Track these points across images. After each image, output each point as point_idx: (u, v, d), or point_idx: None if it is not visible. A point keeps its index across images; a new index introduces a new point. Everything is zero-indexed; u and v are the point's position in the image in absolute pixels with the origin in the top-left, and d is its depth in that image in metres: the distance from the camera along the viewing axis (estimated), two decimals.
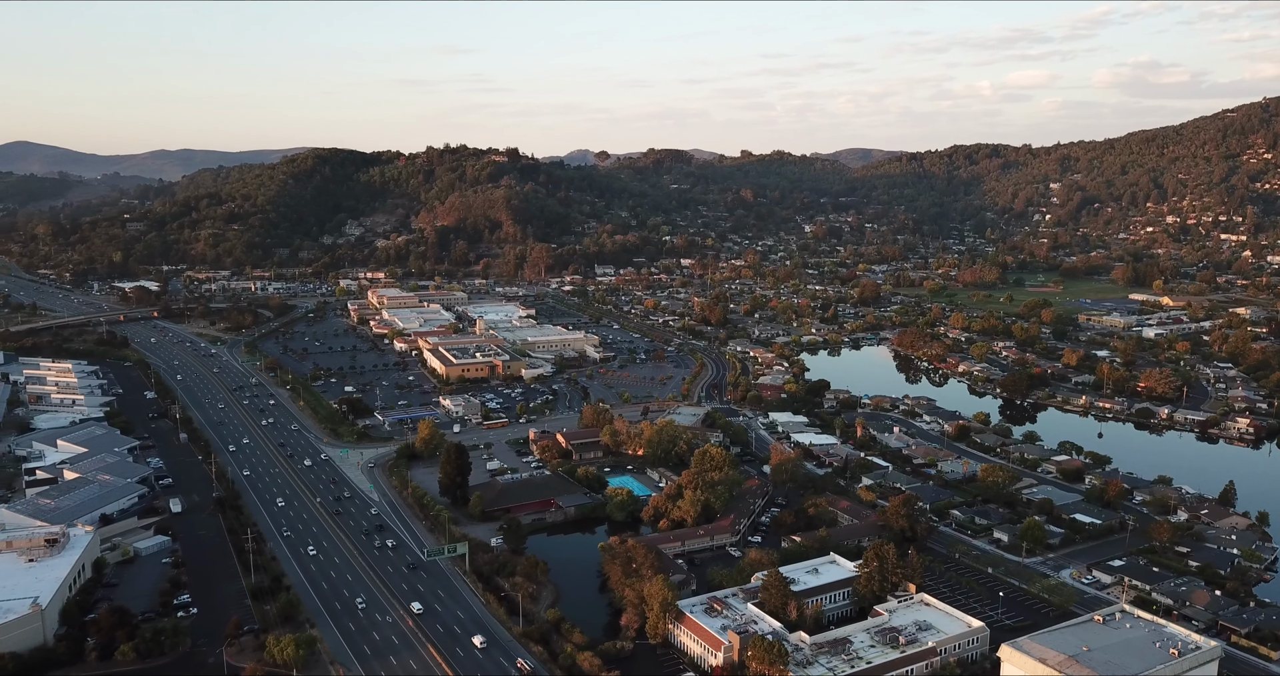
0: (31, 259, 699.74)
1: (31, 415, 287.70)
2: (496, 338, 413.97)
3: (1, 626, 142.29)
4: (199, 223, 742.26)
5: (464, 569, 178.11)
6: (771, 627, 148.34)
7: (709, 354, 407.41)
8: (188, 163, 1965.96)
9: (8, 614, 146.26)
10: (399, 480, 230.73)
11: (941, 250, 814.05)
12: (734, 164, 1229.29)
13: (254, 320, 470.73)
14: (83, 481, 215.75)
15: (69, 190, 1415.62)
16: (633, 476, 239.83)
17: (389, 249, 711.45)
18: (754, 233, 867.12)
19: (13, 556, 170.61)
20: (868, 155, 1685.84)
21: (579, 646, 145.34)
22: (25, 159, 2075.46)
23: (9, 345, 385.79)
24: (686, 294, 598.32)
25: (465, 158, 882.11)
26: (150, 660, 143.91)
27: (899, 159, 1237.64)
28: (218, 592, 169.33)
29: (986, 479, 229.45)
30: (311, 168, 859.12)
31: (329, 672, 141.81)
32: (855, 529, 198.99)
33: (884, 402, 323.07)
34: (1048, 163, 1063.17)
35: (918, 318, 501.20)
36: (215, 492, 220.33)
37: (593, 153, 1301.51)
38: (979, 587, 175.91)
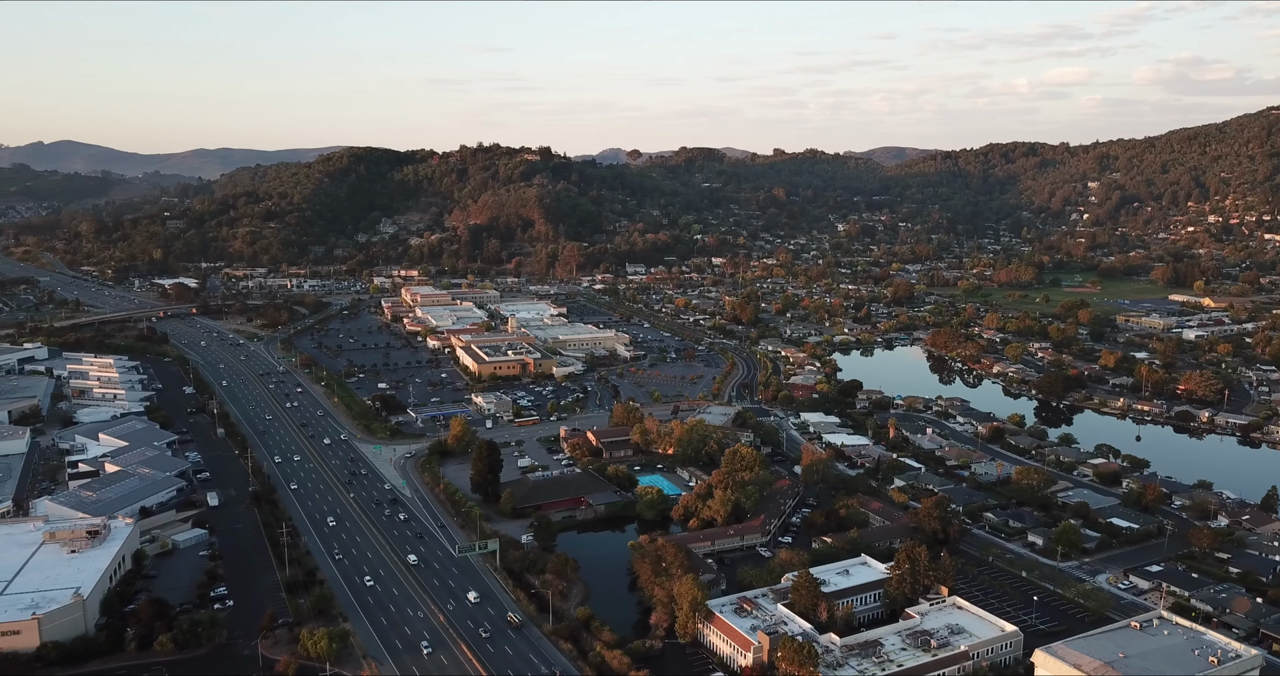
0: (75, 256, 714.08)
1: (74, 409, 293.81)
2: (528, 336, 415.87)
3: (45, 615, 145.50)
4: (237, 221, 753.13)
5: (495, 565, 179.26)
6: (802, 628, 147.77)
7: (740, 353, 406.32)
8: (226, 161, 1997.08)
9: (51, 603, 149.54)
10: (431, 476, 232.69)
11: (976, 249, 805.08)
12: (766, 162, 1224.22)
13: (289, 317, 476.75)
14: (123, 474, 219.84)
15: (111, 188, 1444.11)
16: (663, 475, 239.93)
17: (422, 247, 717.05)
18: (786, 231, 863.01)
19: (56, 547, 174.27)
20: (901, 154, 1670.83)
21: (608, 644, 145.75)
22: (70, 158, 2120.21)
23: (53, 340, 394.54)
24: (717, 293, 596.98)
25: (498, 156, 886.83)
26: (187, 651, 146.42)
27: (933, 157, 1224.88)
28: (253, 585, 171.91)
29: (1021, 481, 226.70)
30: (346, 166, 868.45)
31: (361, 666, 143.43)
32: (887, 530, 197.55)
33: (917, 403, 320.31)
34: (1086, 161, 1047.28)
35: (951, 317, 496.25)
36: (251, 487, 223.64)
37: (624, 151, 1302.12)
38: (1012, 591, 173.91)
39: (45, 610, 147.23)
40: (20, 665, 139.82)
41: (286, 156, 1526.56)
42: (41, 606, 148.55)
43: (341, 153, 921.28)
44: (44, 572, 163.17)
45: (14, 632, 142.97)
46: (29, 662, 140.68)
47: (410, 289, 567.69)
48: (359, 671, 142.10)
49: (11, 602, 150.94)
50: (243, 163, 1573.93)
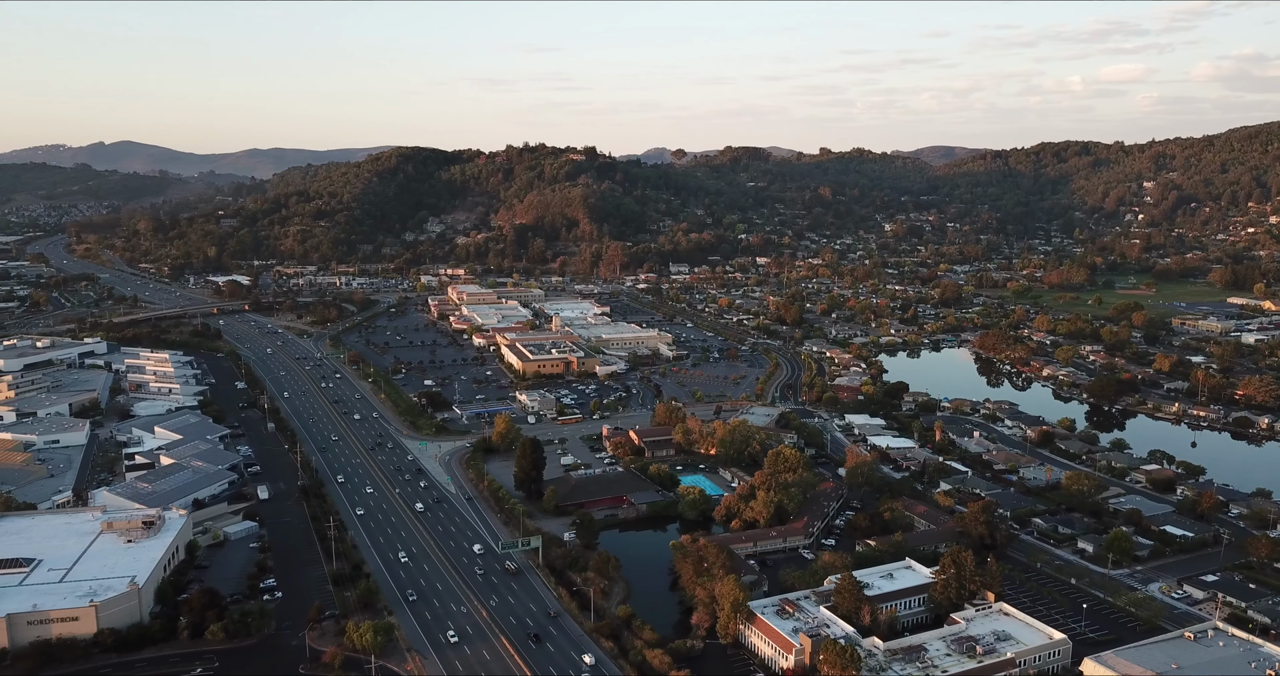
0: (134, 253, 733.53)
1: (131, 402, 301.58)
2: (571, 334, 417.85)
3: (102, 603, 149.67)
4: (288, 219, 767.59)
5: (537, 563, 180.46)
6: (844, 632, 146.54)
7: (784, 354, 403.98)
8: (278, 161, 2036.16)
9: (108, 591, 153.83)
10: (475, 473, 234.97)
11: (1026, 250, 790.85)
12: (812, 161, 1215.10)
13: (338, 314, 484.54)
14: (177, 467, 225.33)
15: (168, 188, 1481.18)
16: (705, 475, 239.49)
17: (469, 246, 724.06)
18: (832, 231, 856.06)
19: (113, 537, 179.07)
20: (950, 153, 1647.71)
21: (649, 643, 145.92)
22: (129, 158, 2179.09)
23: (112, 335, 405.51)
24: (761, 292, 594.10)
25: (544, 156, 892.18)
26: (237, 640, 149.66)
27: (983, 156, 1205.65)
28: (301, 578, 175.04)
29: (1071, 487, 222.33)
30: (395, 166, 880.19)
31: (405, 659, 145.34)
32: (932, 534, 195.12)
33: (964, 406, 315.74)
34: (1141, 160, 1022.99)
35: (1000, 319, 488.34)
36: (300, 481, 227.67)
37: (669, 151, 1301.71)
38: (1061, 598, 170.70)
39: (103, 597, 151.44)
40: (79, 650, 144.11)
41: (337, 156, 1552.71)
42: (99, 594, 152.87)
43: (390, 152, 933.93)
44: (102, 561, 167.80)
45: (73, 619, 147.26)
46: (87, 648, 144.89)
47: (457, 287, 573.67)
48: (403, 664, 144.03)
49: (71, 589, 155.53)
50: (294, 162, 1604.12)
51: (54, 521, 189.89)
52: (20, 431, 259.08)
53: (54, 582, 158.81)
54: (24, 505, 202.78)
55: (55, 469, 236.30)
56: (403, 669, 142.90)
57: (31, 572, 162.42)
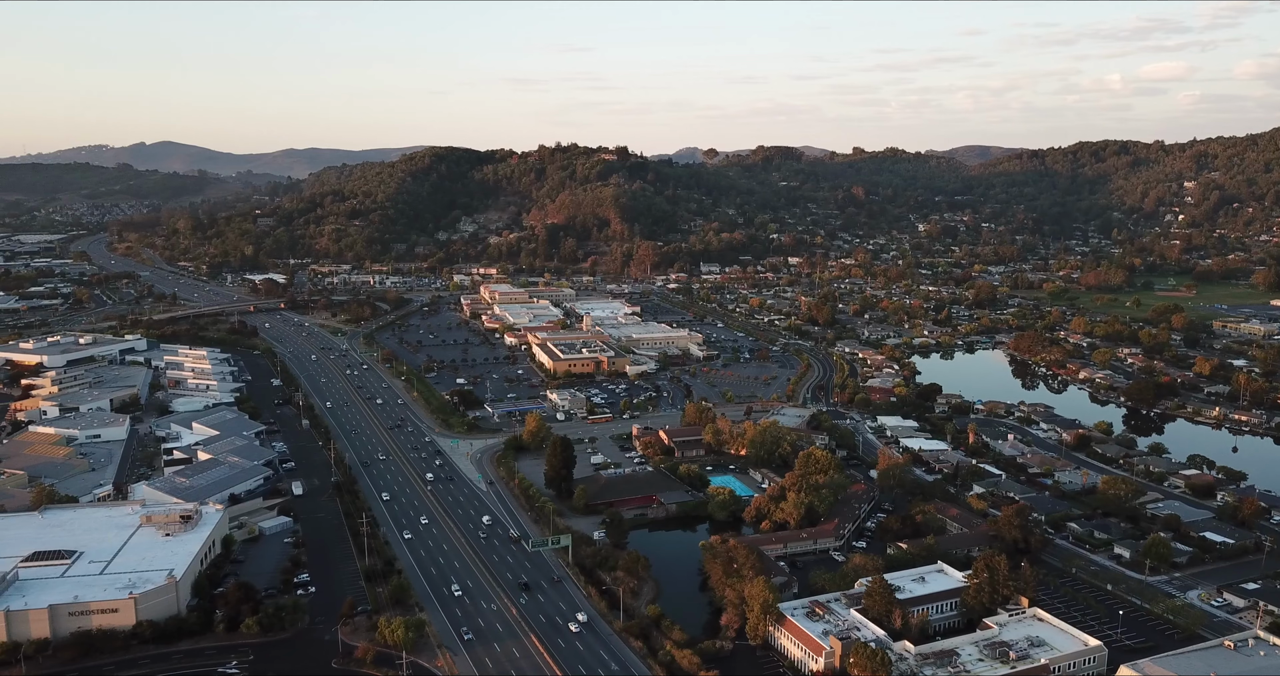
0: (173, 252, 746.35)
1: (170, 398, 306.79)
2: (602, 334, 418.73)
3: (141, 595, 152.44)
4: (323, 218, 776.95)
5: (567, 561, 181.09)
6: (875, 635, 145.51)
7: (815, 354, 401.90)
8: (314, 161, 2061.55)
9: (146, 583, 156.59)
10: (506, 471, 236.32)
11: (1063, 251, 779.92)
12: (845, 161, 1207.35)
13: (372, 313, 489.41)
14: (214, 462, 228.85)
15: (207, 187, 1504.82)
16: (735, 476, 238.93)
17: (501, 245, 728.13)
18: (865, 231, 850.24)
19: (152, 530, 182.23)
20: (986, 152, 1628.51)
21: (678, 643, 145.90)
22: (169, 158, 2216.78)
23: (152, 332, 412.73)
24: (793, 293, 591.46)
25: (575, 156, 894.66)
26: (272, 634, 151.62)
27: (1019, 156, 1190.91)
28: (334, 573, 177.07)
29: (1107, 491, 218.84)
30: (428, 166, 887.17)
31: (436, 656, 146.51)
32: (964, 538, 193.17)
33: (998, 408, 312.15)
34: (1182, 160, 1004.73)
35: (1036, 321, 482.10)
36: (334, 477, 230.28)
37: (701, 150, 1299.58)
38: (1097, 605, 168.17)
39: (141, 590, 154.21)
40: (118, 641, 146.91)
41: (371, 156, 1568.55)
42: (138, 586, 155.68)
43: (424, 152, 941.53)
44: (140, 554, 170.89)
45: (113, 610, 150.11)
46: (126, 639, 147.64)
47: (489, 286, 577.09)
48: (434, 661, 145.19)
49: (111, 581, 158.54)
50: (330, 162, 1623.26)
51: (95, 514, 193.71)
52: (63, 426, 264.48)
53: (95, 575, 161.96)
54: (66, 498, 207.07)
55: (96, 463, 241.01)
56: (433, 665, 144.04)
57: (73, 564, 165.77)
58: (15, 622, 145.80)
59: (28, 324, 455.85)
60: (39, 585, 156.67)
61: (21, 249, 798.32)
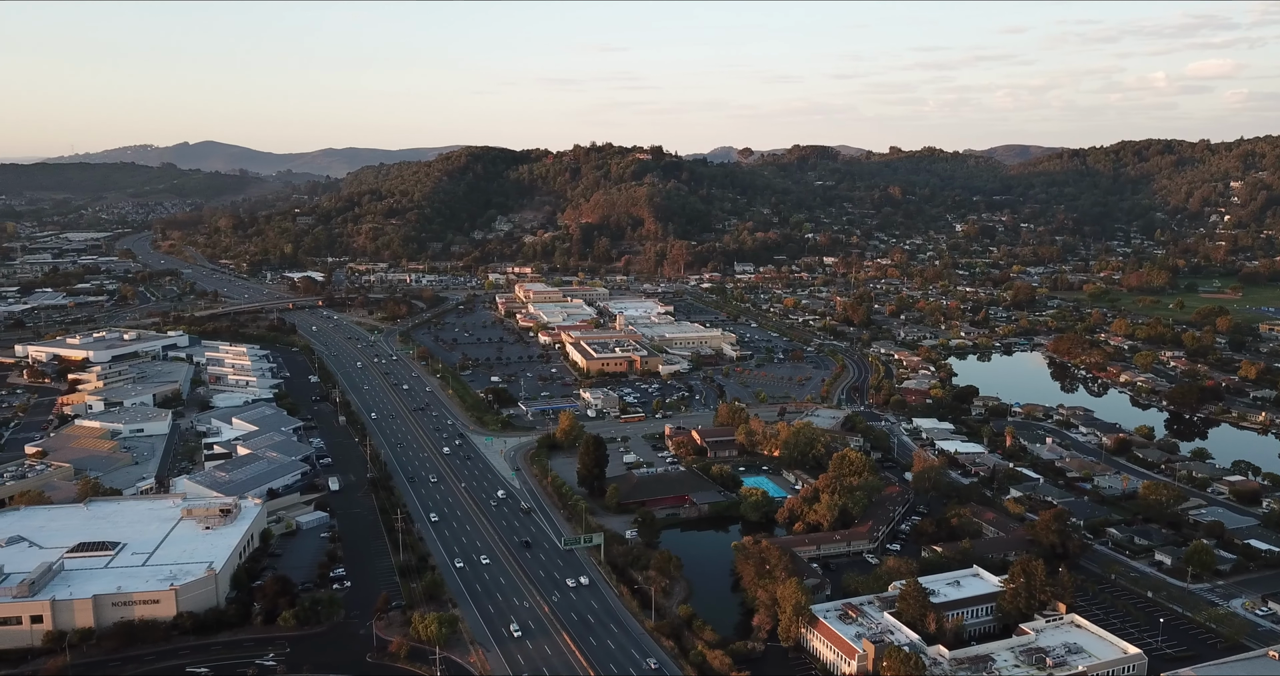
0: (214, 250, 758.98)
1: (210, 394, 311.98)
2: (635, 333, 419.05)
3: (181, 587, 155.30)
4: (361, 217, 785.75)
5: (599, 559, 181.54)
6: (908, 639, 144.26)
7: (850, 355, 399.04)
8: (352, 160, 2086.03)
9: (187, 575, 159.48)
10: (539, 469, 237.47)
11: (1104, 252, 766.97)
12: (882, 160, 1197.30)
13: (408, 311, 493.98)
14: (253, 457, 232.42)
15: (248, 186, 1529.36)
16: (768, 477, 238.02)
17: (535, 245, 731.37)
18: (901, 231, 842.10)
19: (192, 523, 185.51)
20: (1025, 152, 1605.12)
21: (710, 644, 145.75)
22: (211, 157, 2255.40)
23: (193, 329, 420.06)
24: (828, 293, 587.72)
25: (610, 155, 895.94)
26: (308, 627, 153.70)
27: (1060, 155, 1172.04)
28: (369, 568, 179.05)
29: (1148, 497, 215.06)
30: (464, 165, 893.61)
31: (469, 651, 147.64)
32: (1001, 542, 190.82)
33: (1036, 411, 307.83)
34: (1228, 159, 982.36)
35: (1076, 322, 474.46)
36: (369, 473, 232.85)
37: (736, 149, 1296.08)
38: (1136, 612, 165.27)
39: (182, 582, 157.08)
40: (159, 631, 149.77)
41: (408, 155, 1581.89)
42: (179, 578, 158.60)
43: (460, 152, 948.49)
44: (181, 546, 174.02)
45: (154, 601, 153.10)
46: (166, 630, 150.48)
47: (523, 285, 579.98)
48: (466, 656, 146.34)
49: (153, 573, 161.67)
50: (367, 161, 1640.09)
51: (138, 507, 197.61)
52: (108, 420, 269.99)
53: (137, 566, 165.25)
54: (110, 491, 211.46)
55: (140, 456, 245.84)
56: (466, 661, 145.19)
57: (116, 556, 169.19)
58: (61, 611, 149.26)
59: (75, 320, 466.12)
60: (84, 575, 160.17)
61: (69, 247, 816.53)
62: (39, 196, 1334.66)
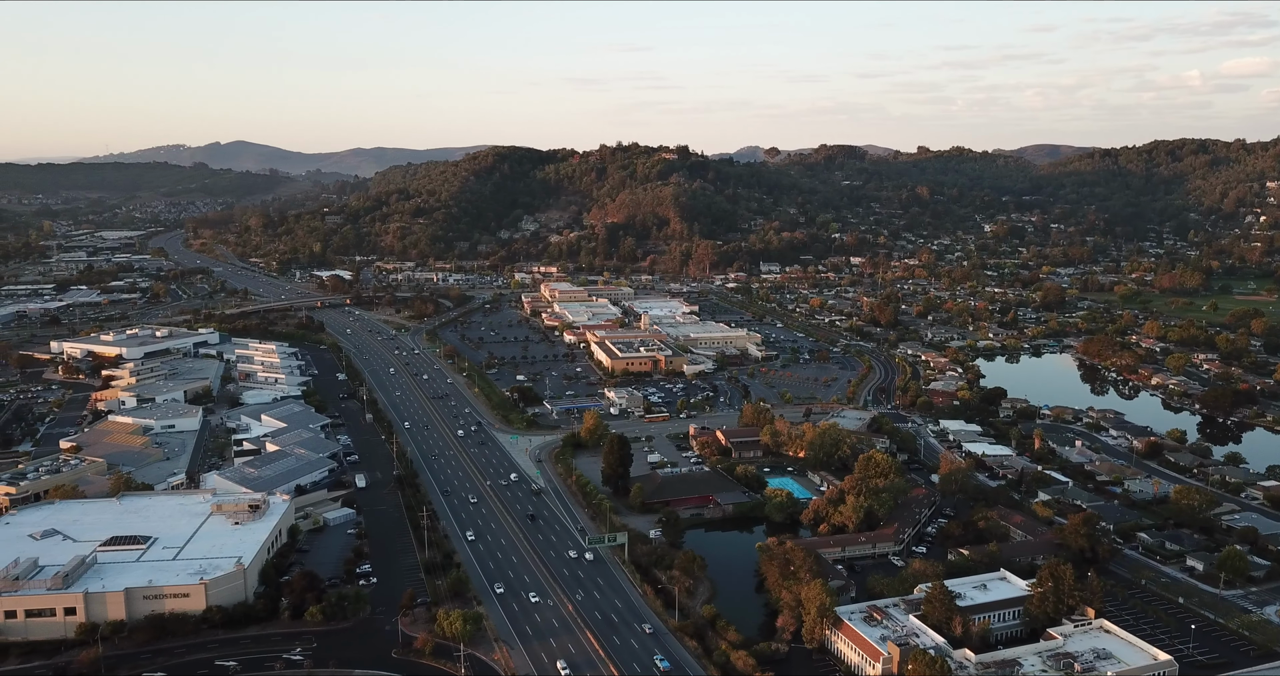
0: (245, 248, 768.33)
1: (240, 391, 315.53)
2: (660, 333, 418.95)
3: (211, 581, 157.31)
4: (389, 216, 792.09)
5: (622, 559, 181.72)
6: (934, 642, 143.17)
7: (877, 356, 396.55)
8: (380, 160, 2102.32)
9: (216, 570, 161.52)
10: (564, 468, 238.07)
11: (1136, 253, 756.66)
12: (909, 160, 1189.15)
13: (435, 309, 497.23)
14: (282, 454, 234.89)
15: (278, 186, 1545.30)
16: (792, 478, 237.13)
17: (561, 244, 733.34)
18: (929, 231, 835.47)
19: (222, 518, 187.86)
20: (1055, 151, 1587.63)
21: (733, 644, 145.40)
22: (242, 157, 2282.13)
23: (224, 326, 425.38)
24: (855, 293, 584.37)
25: (636, 155, 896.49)
26: (334, 622, 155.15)
27: (1091, 155, 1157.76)
28: (395, 565, 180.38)
29: (1180, 501, 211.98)
30: (491, 165, 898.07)
31: (493, 649, 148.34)
32: (1029, 545, 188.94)
33: (1065, 414, 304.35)
34: (1264, 159, 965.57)
35: (1107, 324, 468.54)
36: (395, 471, 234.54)
37: (762, 149, 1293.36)
38: (1167, 618, 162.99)
39: (212, 576, 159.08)
40: (189, 625, 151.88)
41: (436, 155, 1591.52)
42: (208, 572, 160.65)
43: (487, 152, 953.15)
44: (211, 541, 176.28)
45: (184, 595, 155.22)
46: (196, 623, 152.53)
47: (549, 285, 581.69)
48: (491, 654, 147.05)
49: (183, 567, 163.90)
50: (395, 161, 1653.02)
51: (169, 502, 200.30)
52: (140, 416, 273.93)
53: (168, 560, 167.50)
54: (142, 486, 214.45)
55: (171, 452, 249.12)
56: (490, 658, 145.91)
57: (148, 550, 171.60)
58: (94, 604, 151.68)
59: (109, 317, 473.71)
60: (116, 568, 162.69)
61: (104, 245, 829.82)
62: (75, 196, 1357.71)
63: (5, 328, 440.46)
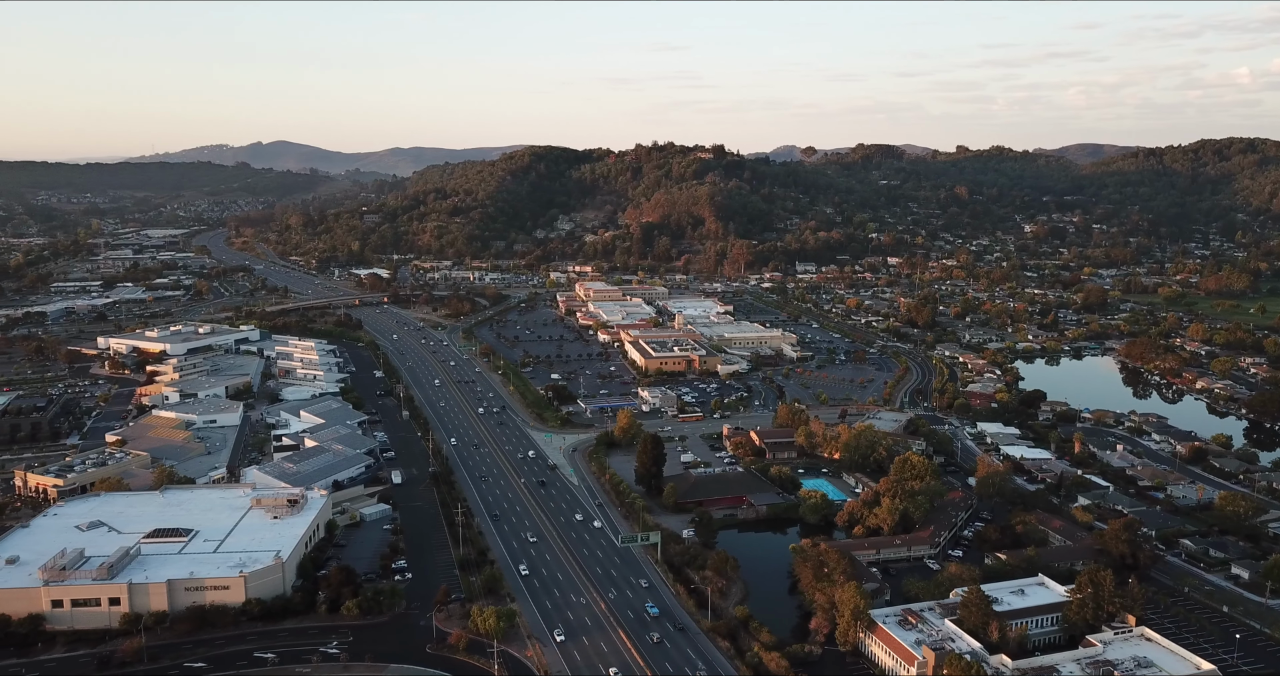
0: (285, 247, 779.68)
1: (280, 387, 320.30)
2: (694, 332, 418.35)
3: (250, 574, 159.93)
4: (426, 216, 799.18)
5: (655, 558, 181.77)
6: (970, 647, 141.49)
7: (914, 357, 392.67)
8: (418, 159, 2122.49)
9: (255, 563, 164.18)
10: (598, 466, 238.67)
11: (1181, 254, 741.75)
12: (948, 159, 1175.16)
13: (471, 308, 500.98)
14: (320, 449, 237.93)
15: (318, 185, 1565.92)
16: (827, 479, 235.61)
17: (596, 244, 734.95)
18: (968, 231, 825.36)
19: (261, 512, 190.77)
20: (1098, 151, 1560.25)
21: (766, 646, 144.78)
22: (283, 157, 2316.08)
23: (264, 324, 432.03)
24: (892, 294, 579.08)
25: (672, 155, 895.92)
26: (370, 617, 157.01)
27: (1134, 155, 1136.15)
28: (430, 561, 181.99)
29: (1225, 507, 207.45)
30: (527, 164, 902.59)
31: (526, 646, 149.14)
32: (1067, 551, 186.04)
33: (1106, 417, 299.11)
34: None
35: (1150, 327, 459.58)
36: (431, 467, 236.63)
37: (799, 148, 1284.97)
38: (1211, 627, 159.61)
39: (251, 569, 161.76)
40: (229, 617, 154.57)
41: (473, 155, 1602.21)
42: (248, 565, 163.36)
43: (523, 151, 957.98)
44: (250, 535, 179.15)
45: (224, 587, 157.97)
46: (235, 615, 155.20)
47: (584, 284, 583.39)
48: (524, 651, 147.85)
49: (224, 560, 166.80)
50: (433, 161, 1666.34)
51: (210, 495, 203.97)
52: (183, 411, 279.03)
53: (208, 553, 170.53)
54: (184, 479, 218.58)
55: (212, 447, 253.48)
56: (523, 655, 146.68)
57: (189, 542, 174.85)
58: (137, 595, 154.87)
59: (153, 314, 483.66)
60: (158, 560, 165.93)
61: (149, 243, 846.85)
62: (122, 194, 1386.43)
63: (55, 323, 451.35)
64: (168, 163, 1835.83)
